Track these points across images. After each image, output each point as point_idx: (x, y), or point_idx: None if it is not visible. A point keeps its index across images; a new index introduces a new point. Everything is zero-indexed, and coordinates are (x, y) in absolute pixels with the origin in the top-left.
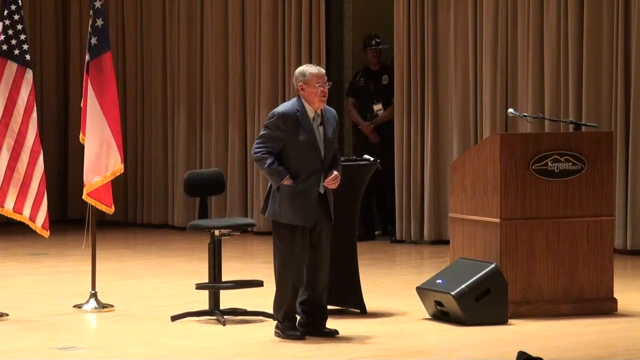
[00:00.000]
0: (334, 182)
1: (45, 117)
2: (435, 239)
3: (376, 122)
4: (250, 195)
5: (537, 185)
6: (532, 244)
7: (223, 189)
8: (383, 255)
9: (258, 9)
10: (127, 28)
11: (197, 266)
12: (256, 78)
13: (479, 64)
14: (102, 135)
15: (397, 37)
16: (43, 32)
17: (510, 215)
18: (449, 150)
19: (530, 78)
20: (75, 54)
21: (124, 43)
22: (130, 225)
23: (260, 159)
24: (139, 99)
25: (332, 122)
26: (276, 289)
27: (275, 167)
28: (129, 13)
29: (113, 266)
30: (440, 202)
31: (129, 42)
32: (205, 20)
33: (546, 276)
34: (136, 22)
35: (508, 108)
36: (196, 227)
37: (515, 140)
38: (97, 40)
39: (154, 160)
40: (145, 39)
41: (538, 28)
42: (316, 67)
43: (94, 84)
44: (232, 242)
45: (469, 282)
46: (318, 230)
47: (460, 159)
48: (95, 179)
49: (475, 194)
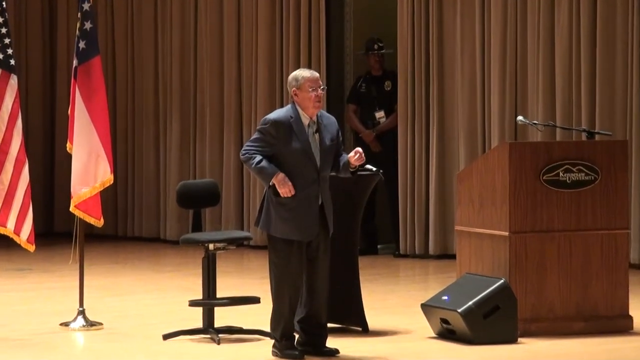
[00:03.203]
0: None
1: (31, 125)
2: (440, 253)
3: (378, 130)
4: (246, 207)
5: (548, 196)
6: (542, 258)
7: (218, 201)
8: (386, 270)
9: (255, 11)
10: (117, 31)
11: (190, 282)
12: (253, 84)
13: (486, 69)
14: (91, 144)
15: (401, 41)
16: (28, 35)
17: (520, 228)
18: (455, 160)
19: (541, 83)
20: (63, 58)
21: (114, 47)
22: (120, 239)
23: (248, 158)
24: (130, 105)
25: (331, 129)
26: (273, 306)
27: (264, 164)
28: (119, 16)
29: (102, 282)
30: (446, 214)
31: (119, 46)
32: (199, 23)
33: (558, 292)
34: (126, 25)
35: (517, 115)
36: (189, 240)
37: (525, 150)
38: (86, 44)
39: (145, 170)
40: (136, 42)
41: (549, 30)
42: (309, 70)
43: (82, 90)
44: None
45: (477, 298)
46: (316, 244)
47: (467, 169)
48: (84, 190)
49: (483, 205)
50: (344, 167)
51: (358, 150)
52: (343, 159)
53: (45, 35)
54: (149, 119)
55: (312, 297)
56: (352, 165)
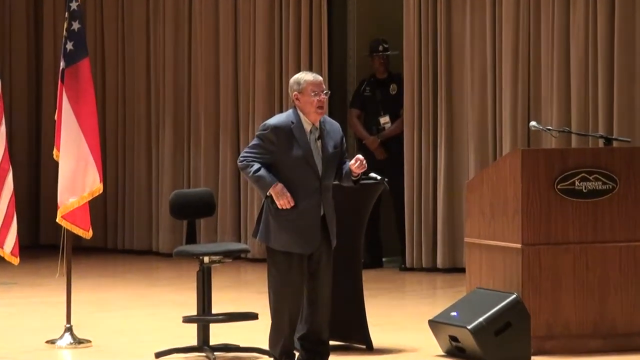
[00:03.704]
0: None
1: (15, 131)
2: (449, 266)
3: (383, 137)
4: (243, 217)
5: (563, 206)
6: (557, 272)
7: (213, 211)
8: (391, 284)
9: (252, 11)
10: (106, 32)
11: (184, 297)
12: (250, 88)
13: (498, 71)
14: (79, 151)
15: (407, 42)
16: (13, 35)
17: (533, 240)
18: (465, 168)
19: (555, 87)
20: (49, 60)
21: (103, 48)
22: (109, 252)
23: (245, 166)
24: (120, 110)
25: (334, 136)
26: (272, 323)
27: (261, 173)
28: (109, 15)
29: (90, 297)
30: (455, 225)
31: (109, 47)
32: (193, 23)
33: (573, 308)
34: (117, 26)
35: (530, 121)
36: (183, 253)
37: (539, 157)
38: (74, 45)
39: (137, 179)
40: (127, 43)
41: (564, 30)
42: (312, 74)
43: (70, 94)
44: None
45: (488, 314)
46: (318, 257)
47: (477, 178)
48: (71, 199)
49: (494, 216)
50: (346, 176)
51: (359, 158)
52: (346, 167)
53: (31, 35)
54: (141, 124)
55: (314, 312)
56: (354, 173)
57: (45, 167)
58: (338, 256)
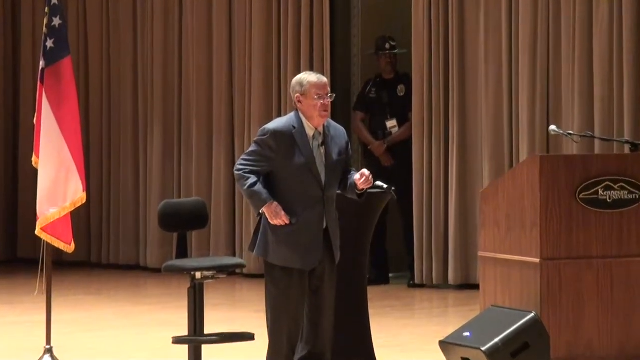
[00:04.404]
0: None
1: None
2: (462, 282)
3: (390, 142)
4: (238, 230)
5: (585, 218)
6: (579, 288)
7: (206, 223)
8: (399, 302)
9: (248, 4)
10: (90, 28)
11: (174, 316)
12: (246, 89)
13: (514, 71)
14: (60, 157)
15: (416, 40)
16: None
17: (553, 254)
18: (479, 176)
19: (577, 88)
20: (27, 58)
21: (87, 46)
22: (93, 267)
23: (240, 177)
24: (105, 113)
25: (339, 142)
26: (269, 344)
27: (256, 189)
28: (93, 10)
29: (72, 316)
30: (468, 238)
31: (93, 44)
32: (184, 18)
33: (597, 328)
34: (101, 21)
35: (550, 124)
36: (173, 268)
37: (559, 164)
38: (54, 42)
39: (123, 188)
40: (112, 40)
41: (586, 26)
42: (316, 74)
43: (50, 96)
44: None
45: (504, 335)
46: (320, 272)
47: (492, 187)
48: (52, 210)
49: (510, 228)
50: (350, 188)
51: (364, 173)
52: (351, 177)
53: (7, 32)
54: (127, 128)
55: (315, 332)
56: (358, 188)
57: (24, 175)
58: (341, 271)
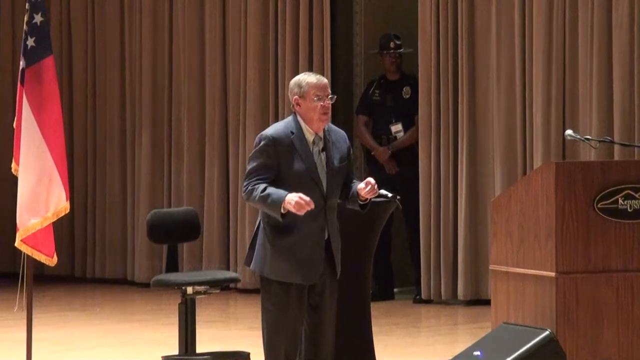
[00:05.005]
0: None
1: None
2: (472, 298)
3: (395, 147)
4: (233, 241)
5: (604, 228)
6: (598, 304)
7: (198, 234)
8: (404, 319)
9: (243, 1)
10: (74, 25)
11: (164, 333)
12: (241, 91)
13: (527, 72)
14: (42, 164)
15: (423, 38)
16: None
17: (570, 267)
18: (490, 184)
19: (595, 90)
20: (6, 58)
21: (70, 45)
22: (77, 281)
23: (249, 194)
24: (90, 117)
25: (340, 147)
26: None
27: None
28: (77, 7)
29: (55, 334)
30: (479, 250)
31: (77, 43)
32: (175, 14)
33: (617, 347)
34: (86, 19)
35: (566, 129)
36: (163, 283)
37: (576, 171)
38: (35, 41)
39: (109, 197)
40: (97, 40)
41: (605, 24)
42: (316, 75)
43: (31, 98)
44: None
45: (517, 354)
46: (320, 288)
47: (504, 195)
48: (33, 221)
49: (523, 240)
50: (353, 198)
51: (370, 182)
52: (354, 186)
53: None
54: (114, 133)
55: (315, 351)
56: (362, 197)
57: (3, 183)
58: (343, 286)
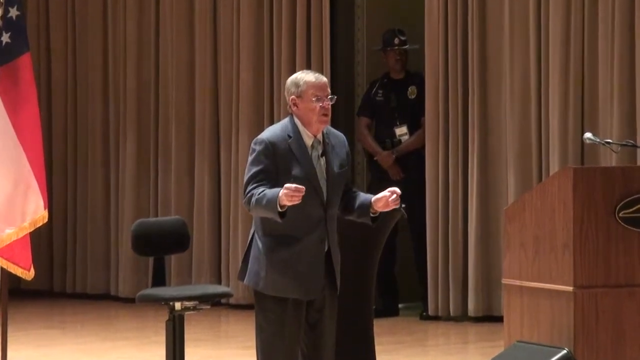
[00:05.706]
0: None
1: None
2: (483, 314)
3: (399, 152)
4: (224, 254)
5: (626, 239)
6: (619, 321)
7: (187, 246)
8: (410, 337)
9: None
10: (53, 20)
11: (150, 352)
12: (233, 91)
13: (543, 70)
14: (18, 170)
15: (430, 34)
16: None
17: (589, 281)
18: (503, 191)
19: (616, 90)
20: None
21: (49, 40)
22: (57, 296)
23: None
24: (71, 120)
25: (340, 152)
26: None
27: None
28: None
29: (32, 353)
30: (491, 263)
31: (56, 39)
32: (161, 8)
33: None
34: (66, 13)
35: (584, 132)
36: (149, 298)
37: (595, 177)
38: (11, 37)
39: (91, 206)
40: (78, 34)
41: (626, 17)
42: (314, 73)
43: (6, 99)
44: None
45: None
46: (319, 304)
47: (518, 203)
48: (8, 231)
49: (538, 252)
50: (361, 209)
51: (395, 191)
52: (358, 197)
53: None
54: (96, 135)
55: None
56: (374, 210)
57: None
58: (344, 302)
